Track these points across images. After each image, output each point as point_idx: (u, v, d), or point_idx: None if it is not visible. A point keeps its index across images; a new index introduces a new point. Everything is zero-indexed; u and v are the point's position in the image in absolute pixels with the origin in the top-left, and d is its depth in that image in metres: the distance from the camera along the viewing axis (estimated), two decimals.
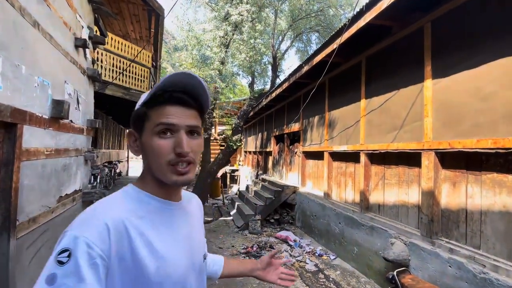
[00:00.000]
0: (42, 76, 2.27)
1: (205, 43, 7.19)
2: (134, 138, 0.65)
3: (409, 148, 3.08)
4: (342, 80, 4.75)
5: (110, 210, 0.56)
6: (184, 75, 0.59)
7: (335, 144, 4.77)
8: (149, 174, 0.64)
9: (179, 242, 0.63)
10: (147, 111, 0.61)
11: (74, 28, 3.15)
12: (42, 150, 2.33)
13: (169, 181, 0.60)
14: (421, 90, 2.98)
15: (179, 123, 0.59)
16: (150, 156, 0.60)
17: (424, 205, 2.88)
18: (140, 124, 0.62)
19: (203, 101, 0.65)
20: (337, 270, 3.94)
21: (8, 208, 1.85)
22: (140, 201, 0.61)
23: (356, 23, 3.33)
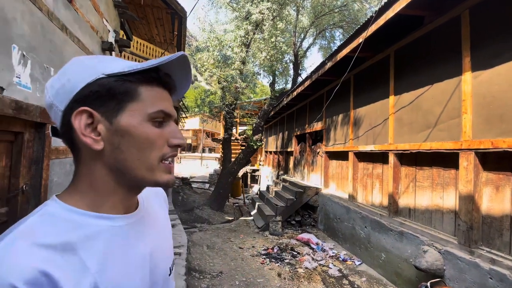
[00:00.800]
0: None
1: (226, 44, 7.22)
2: (89, 120, 0.43)
3: (445, 148, 2.82)
4: (368, 76, 4.51)
5: (17, 258, 0.36)
6: (181, 60, 0.47)
7: (361, 144, 4.54)
8: (101, 179, 0.45)
9: (135, 270, 0.47)
10: (135, 88, 0.44)
11: (101, 32, 3.27)
12: None
13: (161, 181, 0.47)
14: (459, 84, 2.72)
15: (173, 113, 0.48)
16: (135, 149, 0.44)
17: (462, 210, 2.63)
18: (114, 102, 0.43)
19: (179, 92, 0.53)
20: (362, 276, 3.74)
21: (38, 204, 1.92)
22: (73, 227, 0.42)
23: (384, 14, 3.13)
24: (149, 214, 0.55)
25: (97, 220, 0.44)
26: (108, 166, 0.45)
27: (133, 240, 0.48)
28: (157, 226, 0.56)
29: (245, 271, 3.80)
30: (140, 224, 0.51)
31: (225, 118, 7.99)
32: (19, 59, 1.65)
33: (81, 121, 0.42)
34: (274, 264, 4.10)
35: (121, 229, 0.47)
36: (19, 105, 1.63)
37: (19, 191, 1.81)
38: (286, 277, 3.69)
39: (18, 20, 1.64)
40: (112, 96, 0.43)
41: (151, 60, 0.44)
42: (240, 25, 6.45)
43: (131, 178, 0.46)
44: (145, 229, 0.52)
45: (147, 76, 0.45)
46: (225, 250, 4.54)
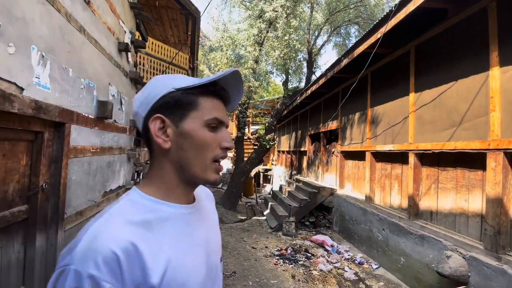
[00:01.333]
0: (88, 78, 2.40)
1: (239, 43, 7.20)
2: (161, 125, 0.54)
3: (470, 147, 2.66)
4: (387, 73, 4.35)
5: (114, 230, 0.46)
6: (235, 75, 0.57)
7: (379, 143, 4.39)
8: (169, 173, 0.56)
9: (197, 251, 0.57)
10: (197, 99, 0.55)
11: (117, 33, 3.32)
12: (88, 148, 2.48)
13: (210, 179, 0.56)
14: (486, 80, 2.55)
15: (226, 120, 0.58)
16: (193, 149, 0.54)
17: (489, 214, 2.47)
18: (180, 110, 0.54)
19: (233, 102, 0.64)
20: (380, 280, 3.61)
21: (57, 202, 1.97)
22: (150, 210, 0.53)
23: (404, 7, 2.99)
24: (203, 208, 0.65)
25: (167, 207, 0.55)
26: (174, 162, 0.55)
27: (194, 226, 0.58)
28: (209, 220, 0.66)
29: (258, 271, 3.77)
30: (198, 214, 0.61)
31: (238, 117, 7.98)
32: (38, 59, 1.68)
33: (155, 125, 0.54)
34: (288, 265, 4.04)
35: (185, 216, 0.57)
36: (38, 105, 1.66)
37: (39, 189, 1.86)
38: (300, 279, 3.62)
39: (37, 21, 1.68)
40: (179, 106, 0.54)
41: (209, 76, 0.55)
42: (254, 24, 6.40)
43: (189, 174, 0.55)
44: (201, 219, 0.62)
45: (206, 89, 0.55)
46: (238, 249, 4.53)
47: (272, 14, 5.94)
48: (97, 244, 0.44)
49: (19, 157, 1.70)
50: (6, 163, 1.58)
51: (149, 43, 6.30)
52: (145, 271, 0.46)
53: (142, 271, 0.46)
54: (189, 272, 0.52)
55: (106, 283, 0.42)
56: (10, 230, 1.63)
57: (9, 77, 1.41)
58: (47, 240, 1.96)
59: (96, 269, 0.42)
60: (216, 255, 0.63)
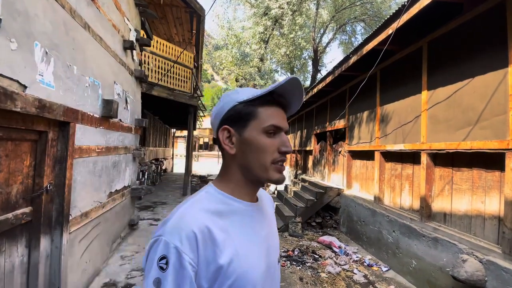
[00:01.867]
0: (92, 76, 2.35)
1: (245, 41, 7.13)
2: (228, 134, 0.63)
3: (488, 147, 2.55)
4: (397, 70, 4.23)
5: (196, 215, 0.56)
6: (293, 82, 0.61)
7: (389, 143, 4.28)
8: (236, 174, 0.64)
9: (259, 244, 0.63)
10: (255, 109, 0.61)
11: (122, 31, 3.27)
12: (94, 147, 2.43)
13: (273, 178, 0.62)
14: (505, 77, 2.44)
15: (283, 126, 0.63)
16: (254, 154, 0.61)
17: (508, 216, 2.35)
18: (242, 121, 0.62)
19: (293, 107, 0.69)
20: (390, 284, 3.51)
21: (62, 204, 1.92)
22: (222, 202, 0.62)
23: (417, 2, 2.88)
24: (265, 209, 0.72)
25: (235, 202, 0.63)
26: (239, 165, 0.63)
27: (257, 222, 0.65)
28: (269, 220, 0.72)
29: None
30: (260, 212, 0.68)
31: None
32: (42, 56, 1.63)
33: (223, 135, 0.63)
34: (295, 267, 3.96)
35: (249, 212, 0.65)
36: (42, 103, 1.61)
37: (43, 191, 1.81)
38: (309, 282, 3.54)
39: (41, 17, 1.62)
40: (241, 117, 0.62)
41: (267, 87, 0.61)
42: (259, 21, 6.32)
43: (253, 174, 0.62)
44: (263, 217, 0.69)
45: (264, 99, 0.62)
46: None
47: (278, 11, 5.85)
48: (182, 223, 0.54)
49: (23, 157, 1.65)
50: (9, 163, 1.53)
51: (153, 42, 6.25)
52: (215, 252, 0.54)
53: (213, 251, 0.54)
54: (251, 262, 0.58)
55: (185, 254, 0.52)
56: (13, 233, 1.58)
57: (11, 74, 1.36)
58: (52, 242, 1.91)
59: (180, 242, 0.52)
60: (274, 254, 0.69)
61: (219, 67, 7.39)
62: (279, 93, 0.63)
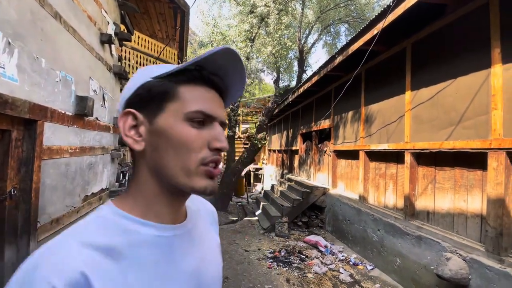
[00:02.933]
0: (64, 70, 2.17)
1: (230, 39, 7.00)
2: (133, 122, 0.44)
3: (470, 147, 2.60)
4: (382, 70, 4.28)
5: (62, 258, 0.36)
6: (230, 56, 0.44)
7: (373, 142, 4.32)
8: (146, 182, 0.45)
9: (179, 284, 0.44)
10: (174, 87, 0.43)
11: (99, 23, 3.07)
12: (66, 148, 2.24)
13: (197, 187, 0.43)
14: (487, 78, 2.49)
15: (217, 114, 0.45)
16: (171, 151, 0.43)
17: (491, 215, 2.41)
18: (155, 103, 0.43)
19: (235, 92, 0.51)
20: (376, 282, 3.54)
21: (28, 210, 1.75)
22: (122, 231, 0.42)
23: (403, 3, 2.90)
24: (198, 230, 0.52)
25: (144, 227, 0.43)
26: (150, 168, 0.44)
27: (178, 255, 0.45)
28: (205, 244, 0.53)
29: (252, 276, 3.62)
30: (187, 238, 0.48)
31: (229, 115, 7.79)
32: (4, 47, 1.45)
33: (126, 122, 0.44)
34: (282, 268, 3.91)
35: (166, 240, 0.45)
36: (3, 99, 1.44)
37: (6, 196, 1.63)
38: (295, 283, 3.50)
39: (3, 3, 1.45)
40: (152, 97, 0.43)
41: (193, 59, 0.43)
42: (245, 19, 6.22)
43: (169, 181, 0.44)
44: (191, 244, 0.49)
45: (189, 75, 0.44)
46: (230, 253, 4.36)
47: (264, 10, 5.78)
48: (35, 276, 0.34)
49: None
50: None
51: (135, 37, 6.00)
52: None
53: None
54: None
55: None
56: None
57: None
58: (18, 252, 1.73)
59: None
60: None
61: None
62: (211, 70, 0.45)
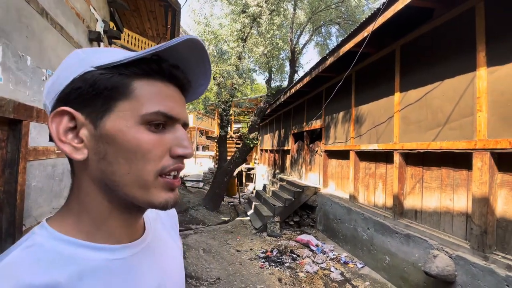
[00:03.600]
0: (51, 69, 2.11)
1: (222, 38, 6.97)
2: (70, 124, 0.35)
3: (456, 147, 2.68)
4: (372, 72, 4.35)
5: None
6: (193, 46, 0.37)
7: (363, 143, 4.39)
8: (92, 197, 0.37)
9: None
10: (127, 82, 0.35)
11: (88, 21, 3.00)
12: (53, 149, 2.18)
13: (157, 202, 0.37)
14: (473, 80, 2.57)
15: (180, 116, 0.38)
16: (123, 160, 0.35)
17: (476, 213, 2.49)
18: (101, 100, 0.35)
19: (198, 88, 0.44)
20: (366, 280, 3.60)
21: (13, 213, 1.69)
22: (64, 261, 0.34)
23: (392, 5, 2.95)
24: (158, 240, 0.46)
25: (93, 252, 0.36)
26: (96, 180, 0.36)
27: (138, 276, 0.39)
28: (167, 254, 0.47)
29: (244, 276, 3.62)
30: (147, 253, 0.42)
31: (221, 115, 7.75)
32: None
33: (60, 124, 0.35)
34: (274, 268, 3.92)
35: (123, 263, 0.38)
36: None
37: None
38: (287, 283, 3.52)
39: None
40: (98, 93, 0.35)
41: (150, 48, 0.35)
42: (237, 19, 6.20)
43: (121, 196, 0.36)
44: (152, 260, 0.43)
45: (145, 67, 0.36)
46: (222, 253, 4.34)
47: (256, 9, 5.78)
48: None
49: None
50: None
51: (125, 35, 5.89)
52: None
53: None
54: None
55: None
56: None
57: None
58: None
59: None
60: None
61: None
62: (171, 62, 0.38)
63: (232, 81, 6.63)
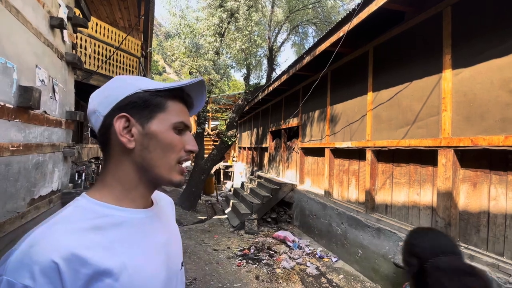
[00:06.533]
0: (4, 56, 1.89)
1: (199, 32, 6.78)
2: (126, 124, 0.53)
3: (424, 145, 2.83)
4: (346, 72, 4.46)
5: (55, 238, 0.44)
6: (200, 83, 0.60)
7: (338, 140, 4.50)
8: (128, 174, 0.55)
9: (155, 255, 0.56)
10: (165, 101, 0.56)
11: (49, 6, 2.74)
12: (6, 145, 1.97)
13: (174, 180, 0.56)
14: (439, 82, 2.72)
15: (189, 125, 0.60)
16: (160, 150, 0.54)
17: (440, 207, 2.65)
18: (147, 111, 0.54)
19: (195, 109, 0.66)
20: (340, 273, 3.71)
21: None
22: (99, 216, 0.50)
23: (367, 7, 3.03)
24: (163, 213, 0.65)
25: (120, 212, 0.53)
26: (136, 163, 0.54)
27: (151, 231, 0.57)
28: (169, 225, 0.66)
29: (220, 275, 3.56)
30: (156, 219, 0.60)
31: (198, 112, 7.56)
32: None
33: (121, 124, 0.53)
34: (251, 265, 3.91)
35: (141, 221, 0.56)
36: None
37: None
38: (264, 279, 3.52)
39: None
40: (147, 106, 0.54)
41: (177, 82, 0.58)
42: (214, 13, 6.06)
43: (152, 175, 0.55)
44: (160, 223, 0.61)
45: (174, 93, 0.57)
46: (199, 253, 4.25)
47: (234, 4, 5.68)
48: (34, 252, 0.42)
49: None
50: None
51: (92, 24, 5.51)
52: (93, 277, 0.44)
53: (90, 278, 0.44)
54: (147, 277, 0.51)
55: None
56: None
57: None
58: None
59: (31, 279, 0.41)
60: (176, 260, 0.62)
61: (171, 59, 6.89)
62: (187, 91, 0.59)
63: (209, 76, 6.48)
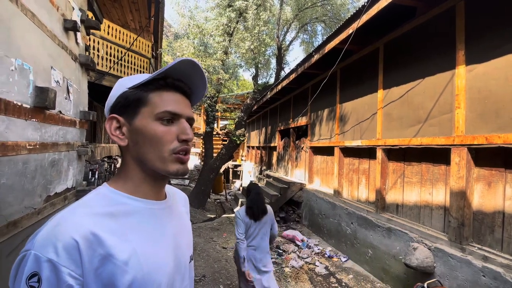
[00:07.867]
0: (21, 58, 1.96)
1: (208, 32, 6.83)
2: (117, 124, 0.58)
3: (436, 143, 2.76)
4: (356, 69, 4.40)
5: (76, 220, 0.49)
6: (189, 64, 0.57)
7: (347, 139, 4.45)
8: (133, 169, 0.59)
9: (165, 244, 0.58)
10: (145, 95, 0.56)
11: (63, 9, 2.83)
12: (24, 144, 2.04)
13: (171, 170, 0.57)
14: (452, 78, 2.65)
15: (183, 112, 0.58)
16: (148, 144, 0.56)
17: (453, 207, 2.58)
18: (131, 108, 0.57)
19: (198, 93, 0.64)
20: (349, 273, 3.67)
21: None
22: (116, 203, 0.55)
23: (376, 3, 2.98)
24: (174, 207, 0.67)
25: (133, 201, 0.57)
26: (134, 158, 0.58)
27: (162, 221, 0.60)
28: (180, 218, 0.68)
29: (229, 273, 3.59)
30: (168, 211, 0.63)
31: (207, 111, 7.63)
32: None
33: (111, 125, 0.58)
34: None
35: (152, 211, 0.59)
36: None
37: None
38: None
39: None
40: (129, 104, 0.57)
41: (158, 70, 0.56)
42: (223, 13, 6.09)
43: (150, 167, 0.57)
44: (170, 216, 0.63)
45: (156, 84, 0.57)
46: (208, 251, 4.30)
47: (242, 4, 5.69)
48: (58, 231, 0.47)
49: None
50: None
51: (105, 26, 5.64)
52: (107, 258, 0.48)
53: (104, 258, 0.48)
54: (155, 263, 0.54)
55: (64, 268, 0.45)
56: None
57: None
58: None
59: (55, 254, 0.45)
60: (185, 252, 0.64)
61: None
62: (175, 77, 0.58)
63: (218, 76, 6.52)
